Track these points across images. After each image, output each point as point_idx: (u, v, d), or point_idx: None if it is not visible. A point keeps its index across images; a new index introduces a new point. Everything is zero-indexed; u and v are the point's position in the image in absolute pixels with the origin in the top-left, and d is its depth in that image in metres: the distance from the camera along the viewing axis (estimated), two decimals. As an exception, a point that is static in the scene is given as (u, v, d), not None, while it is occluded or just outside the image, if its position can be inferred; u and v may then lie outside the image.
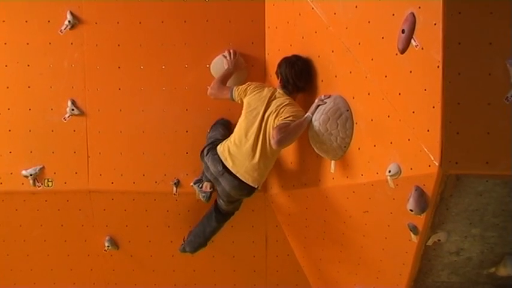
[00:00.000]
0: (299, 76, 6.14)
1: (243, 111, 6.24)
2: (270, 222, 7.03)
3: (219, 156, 6.26)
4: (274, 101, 6.11)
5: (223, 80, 6.50)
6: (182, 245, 6.92)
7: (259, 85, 6.30)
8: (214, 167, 6.27)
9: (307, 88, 6.21)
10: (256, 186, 6.25)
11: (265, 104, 6.11)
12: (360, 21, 5.55)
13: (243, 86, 6.31)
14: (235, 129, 6.28)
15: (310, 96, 6.17)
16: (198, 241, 6.86)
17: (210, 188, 6.46)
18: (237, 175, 6.20)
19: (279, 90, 6.18)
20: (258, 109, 6.13)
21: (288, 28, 6.44)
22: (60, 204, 6.95)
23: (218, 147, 6.29)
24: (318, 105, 5.88)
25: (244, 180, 6.19)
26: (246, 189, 6.27)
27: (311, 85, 6.20)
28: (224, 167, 6.23)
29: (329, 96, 5.86)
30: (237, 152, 6.19)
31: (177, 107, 6.78)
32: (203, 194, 6.51)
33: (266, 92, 6.18)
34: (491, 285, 6.00)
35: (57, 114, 6.82)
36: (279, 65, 6.26)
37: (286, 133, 5.86)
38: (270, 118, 6.04)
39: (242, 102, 6.28)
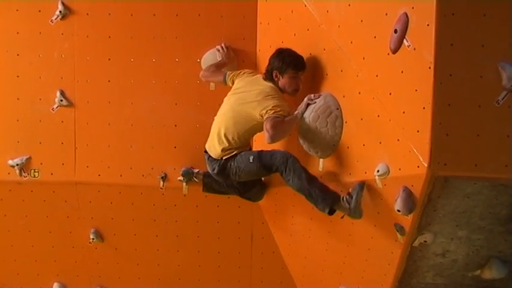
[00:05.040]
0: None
1: (230, 92, 6.26)
2: (256, 219, 7.02)
3: None
4: (260, 86, 6.11)
5: (218, 67, 6.53)
6: None
7: (252, 71, 6.37)
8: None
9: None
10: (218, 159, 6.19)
11: (250, 86, 6.14)
12: (352, 20, 5.55)
13: (238, 70, 6.37)
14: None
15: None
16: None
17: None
18: (206, 146, 6.27)
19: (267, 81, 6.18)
20: (243, 89, 6.17)
21: (280, 25, 6.43)
22: (46, 195, 6.92)
23: None
24: (308, 104, 5.88)
25: (209, 152, 6.24)
26: (213, 162, 6.23)
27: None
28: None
29: (319, 96, 5.87)
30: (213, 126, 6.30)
31: (166, 101, 6.75)
32: None
33: (256, 78, 6.24)
34: (475, 288, 6.04)
35: (46, 104, 6.79)
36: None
37: (280, 129, 5.83)
38: (251, 97, 6.04)
39: (233, 84, 6.33)
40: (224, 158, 6.15)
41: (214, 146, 6.18)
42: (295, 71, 6.06)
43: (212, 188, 6.56)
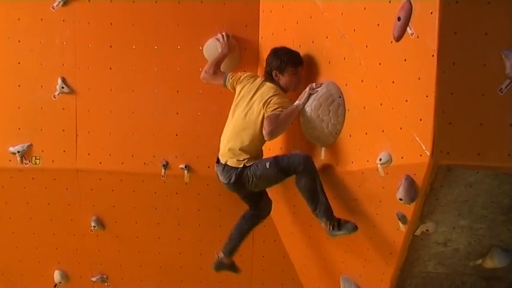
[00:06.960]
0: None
1: (234, 101, 6.23)
2: (258, 207, 7.01)
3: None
4: (261, 89, 6.09)
5: (217, 63, 6.50)
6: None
7: (252, 75, 6.31)
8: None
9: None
10: (238, 166, 6.11)
11: (252, 92, 6.10)
12: (355, 8, 5.52)
13: (238, 74, 6.33)
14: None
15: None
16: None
17: None
18: (220, 158, 6.19)
19: (267, 82, 6.14)
20: (246, 97, 6.13)
21: (283, 12, 6.40)
22: (47, 182, 6.91)
23: None
24: (310, 94, 5.86)
25: (222, 160, 6.16)
26: (230, 171, 6.14)
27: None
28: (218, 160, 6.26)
29: (320, 85, 5.85)
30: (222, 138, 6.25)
31: (168, 89, 6.74)
32: None
33: (257, 82, 6.18)
34: (477, 277, 6.02)
35: (47, 91, 6.77)
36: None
37: (277, 123, 5.84)
38: (254, 104, 6.02)
39: (234, 89, 6.28)
40: (246, 164, 6.08)
41: (231, 159, 6.10)
42: (294, 67, 6.06)
43: None
